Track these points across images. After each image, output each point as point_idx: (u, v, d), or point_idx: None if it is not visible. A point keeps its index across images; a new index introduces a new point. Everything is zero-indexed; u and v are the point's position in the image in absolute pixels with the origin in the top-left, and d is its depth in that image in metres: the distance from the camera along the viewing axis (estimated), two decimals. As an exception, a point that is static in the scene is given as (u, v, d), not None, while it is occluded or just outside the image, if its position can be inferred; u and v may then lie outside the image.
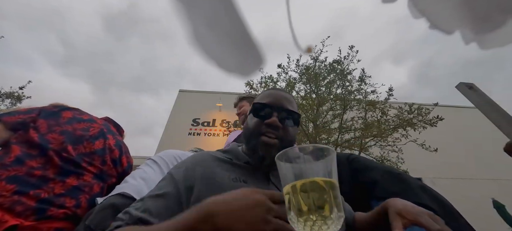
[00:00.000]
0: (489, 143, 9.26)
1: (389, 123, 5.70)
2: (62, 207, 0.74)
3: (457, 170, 8.83)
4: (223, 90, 11.46)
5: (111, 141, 0.97)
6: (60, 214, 0.73)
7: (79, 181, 0.81)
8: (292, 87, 6.16)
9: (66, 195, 0.76)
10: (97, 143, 0.92)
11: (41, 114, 0.88)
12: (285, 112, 0.60)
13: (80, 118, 0.95)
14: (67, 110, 0.95)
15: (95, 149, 0.90)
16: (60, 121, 0.89)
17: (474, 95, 0.98)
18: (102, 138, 0.95)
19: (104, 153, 0.91)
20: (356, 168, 1.05)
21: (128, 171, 1.00)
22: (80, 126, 0.92)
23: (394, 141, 5.76)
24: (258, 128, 0.59)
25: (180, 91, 11.14)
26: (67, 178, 0.79)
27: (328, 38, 6.00)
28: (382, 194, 0.89)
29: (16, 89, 7.09)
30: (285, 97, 0.65)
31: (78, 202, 0.78)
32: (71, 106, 1.00)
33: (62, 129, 0.86)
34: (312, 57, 6.25)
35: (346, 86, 6.10)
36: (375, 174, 0.97)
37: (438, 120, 5.23)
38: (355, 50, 5.90)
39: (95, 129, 0.95)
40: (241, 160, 0.60)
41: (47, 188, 0.74)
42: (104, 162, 0.90)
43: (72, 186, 0.79)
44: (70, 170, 0.80)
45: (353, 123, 6.00)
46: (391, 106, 5.81)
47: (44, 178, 0.75)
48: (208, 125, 9.79)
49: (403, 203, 0.47)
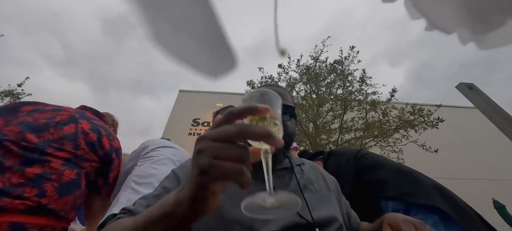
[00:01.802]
0: (489, 143, 9.27)
1: (390, 123, 5.69)
2: (20, 197, 0.67)
3: (457, 170, 8.82)
4: (223, 90, 11.47)
5: (84, 125, 0.90)
6: (17, 205, 0.66)
7: (44, 169, 0.74)
8: (292, 87, 6.16)
9: (25, 184, 0.69)
10: (66, 128, 0.85)
11: None
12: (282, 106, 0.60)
13: (43, 109, 0.90)
14: (28, 105, 0.90)
15: (64, 134, 0.83)
16: (18, 115, 0.84)
17: (474, 95, 0.98)
18: (73, 123, 0.88)
19: (76, 137, 0.85)
20: (364, 166, 1.02)
21: (110, 154, 0.94)
22: (43, 115, 0.86)
23: (394, 141, 5.76)
24: None
25: (180, 91, 11.15)
26: (28, 167, 0.72)
27: (328, 38, 6.01)
28: (392, 193, 0.87)
29: (14, 86, 7.05)
30: (280, 91, 0.64)
31: (41, 191, 0.71)
32: (35, 101, 0.94)
33: (19, 121, 0.81)
34: (312, 57, 6.26)
35: (347, 87, 6.10)
36: (385, 173, 0.94)
37: (439, 121, 5.22)
38: (356, 50, 5.91)
39: (63, 116, 0.89)
40: None
41: (3, 178, 0.68)
42: (77, 146, 0.84)
43: (34, 175, 0.72)
44: (33, 158, 0.74)
45: (354, 123, 6.00)
46: (393, 106, 5.81)
47: (0, 168, 0.69)
48: (209, 125, 9.80)
49: (397, 217, 0.47)
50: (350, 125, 6.01)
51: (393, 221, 0.46)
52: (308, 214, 0.49)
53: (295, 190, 0.55)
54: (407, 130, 5.61)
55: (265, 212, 0.28)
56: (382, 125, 5.64)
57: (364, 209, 1.05)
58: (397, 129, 5.63)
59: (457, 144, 9.42)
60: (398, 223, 0.45)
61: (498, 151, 8.90)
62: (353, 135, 6.04)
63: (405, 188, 0.86)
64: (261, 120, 0.31)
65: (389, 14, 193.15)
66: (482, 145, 9.48)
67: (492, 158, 8.75)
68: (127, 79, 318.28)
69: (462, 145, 9.59)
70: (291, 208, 0.28)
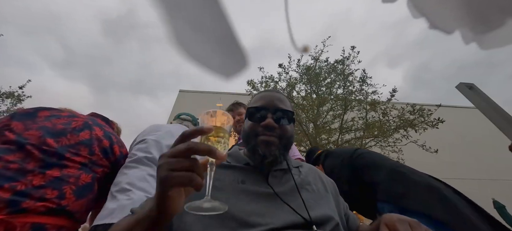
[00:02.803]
0: (489, 143, 9.26)
1: (390, 123, 5.69)
2: (41, 199, 0.69)
3: (457, 170, 8.82)
4: (223, 90, 11.47)
5: (98, 132, 0.94)
6: (38, 207, 0.68)
7: (62, 172, 0.77)
8: (292, 87, 6.16)
9: (46, 186, 0.71)
10: (82, 134, 0.89)
11: (14, 117, 0.85)
12: (280, 112, 0.63)
13: (59, 115, 0.93)
14: (44, 110, 0.92)
15: (80, 140, 0.87)
16: (37, 120, 0.86)
17: (474, 95, 0.98)
18: (88, 129, 0.92)
19: (91, 143, 0.88)
20: (360, 166, 1.00)
21: (121, 161, 0.98)
22: (60, 121, 0.89)
23: (394, 141, 5.76)
24: (255, 131, 0.61)
25: (180, 91, 11.15)
26: (48, 170, 0.74)
27: (329, 38, 6.02)
28: (384, 197, 0.86)
29: (16, 88, 7.08)
30: (277, 97, 0.66)
31: (61, 193, 0.73)
32: (49, 107, 0.98)
33: (39, 126, 0.83)
34: (312, 57, 6.26)
35: (347, 86, 6.10)
36: (379, 175, 0.92)
37: (440, 122, 5.22)
38: (356, 50, 5.91)
39: (77, 122, 0.93)
40: (241, 162, 0.62)
41: (25, 181, 0.69)
42: (92, 152, 0.87)
43: (54, 177, 0.74)
44: (52, 162, 0.76)
45: (354, 123, 6.00)
46: (393, 106, 5.81)
47: (22, 170, 0.70)
48: (208, 125, 9.79)
49: (393, 217, 0.48)
50: (350, 125, 6.01)
51: (389, 221, 0.47)
52: (305, 212, 0.51)
53: (292, 189, 0.56)
54: (407, 130, 5.61)
55: (200, 210, 0.36)
56: (382, 125, 5.64)
57: (362, 210, 1.04)
58: (397, 129, 5.63)
59: (457, 144, 9.43)
60: (394, 222, 0.46)
61: (498, 151, 8.90)
62: (353, 135, 6.05)
63: (397, 191, 0.84)
64: (206, 139, 0.40)
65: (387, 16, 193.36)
66: (482, 145, 9.49)
67: (492, 158, 8.76)
68: (127, 80, 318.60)
69: (462, 145, 9.59)
70: (220, 210, 0.37)
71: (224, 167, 0.61)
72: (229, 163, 0.62)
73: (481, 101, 0.96)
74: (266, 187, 0.56)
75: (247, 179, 0.57)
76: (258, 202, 0.52)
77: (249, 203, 0.51)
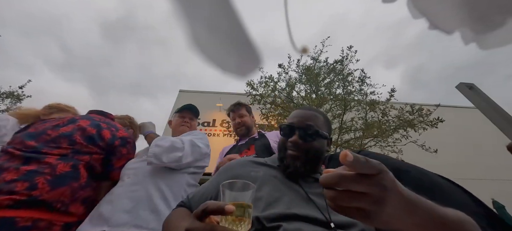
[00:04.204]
0: (489, 143, 9.26)
1: (389, 123, 5.69)
2: (9, 193, 0.69)
3: (457, 171, 8.82)
4: (223, 90, 11.46)
5: (82, 123, 0.97)
6: (4, 201, 0.68)
7: (39, 165, 0.79)
8: (292, 87, 6.16)
9: (18, 180, 0.73)
10: (63, 128, 0.93)
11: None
12: (306, 129, 0.70)
13: (47, 120, 1.01)
14: (39, 121, 1.01)
15: (60, 133, 0.91)
16: (24, 130, 0.95)
17: (474, 95, 0.98)
18: (71, 124, 0.96)
19: (71, 134, 0.92)
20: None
21: (113, 142, 1.00)
22: (43, 126, 0.95)
23: (394, 141, 5.76)
24: (285, 145, 0.71)
25: (180, 91, 11.15)
26: (24, 165, 0.77)
27: (328, 38, 6.01)
28: None
29: (15, 88, 7.08)
30: (306, 116, 0.73)
31: (32, 184, 0.74)
32: (51, 118, 1.05)
33: (22, 134, 0.91)
34: (312, 57, 6.25)
35: (346, 86, 6.10)
36: None
37: (439, 121, 5.22)
38: (353, 50, 5.91)
39: (64, 120, 0.98)
40: (275, 163, 0.74)
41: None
42: (73, 142, 0.90)
43: (28, 171, 0.76)
44: (31, 157, 0.81)
45: (353, 123, 6.00)
46: (392, 106, 5.80)
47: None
48: (209, 125, 9.79)
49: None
50: (349, 125, 6.01)
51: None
52: (328, 214, 0.56)
53: (319, 193, 0.63)
54: (406, 130, 5.61)
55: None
56: (382, 125, 5.64)
57: None
58: (397, 129, 5.63)
59: (457, 144, 9.43)
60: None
61: (498, 151, 8.91)
62: (353, 135, 6.04)
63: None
64: (226, 218, 0.40)
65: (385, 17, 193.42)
66: (482, 145, 9.48)
67: (492, 158, 8.75)
68: (126, 82, 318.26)
69: (462, 145, 9.59)
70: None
71: (260, 164, 0.72)
72: (265, 162, 0.74)
73: (481, 101, 0.96)
74: (296, 185, 0.64)
75: (279, 175, 0.67)
76: (286, 194, 0.60)
77: (278, 191, 0.60)
